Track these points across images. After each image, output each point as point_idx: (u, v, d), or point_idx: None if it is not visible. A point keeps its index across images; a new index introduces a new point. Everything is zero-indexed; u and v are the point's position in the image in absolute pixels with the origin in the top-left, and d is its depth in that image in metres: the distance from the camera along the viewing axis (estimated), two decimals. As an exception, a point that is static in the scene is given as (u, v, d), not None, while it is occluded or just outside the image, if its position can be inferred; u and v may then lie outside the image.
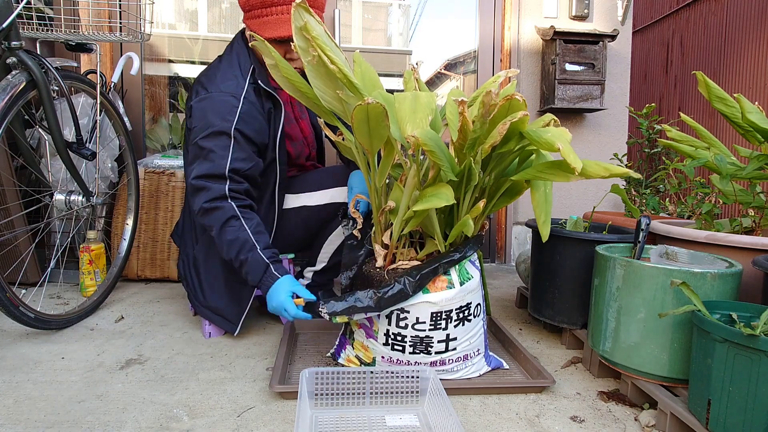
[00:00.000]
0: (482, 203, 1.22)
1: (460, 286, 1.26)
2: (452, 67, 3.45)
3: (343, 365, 1.35)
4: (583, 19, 2.73)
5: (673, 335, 1.17)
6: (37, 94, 1.52)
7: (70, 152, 1.68)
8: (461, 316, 1.27)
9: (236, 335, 1.61)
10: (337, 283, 2.02)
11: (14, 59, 1.48)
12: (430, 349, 1.27)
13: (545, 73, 2.66)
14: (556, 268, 1.55)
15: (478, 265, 1.37)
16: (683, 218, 2.11)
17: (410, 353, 1.26)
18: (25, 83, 1.47)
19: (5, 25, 1.42)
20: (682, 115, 1.68)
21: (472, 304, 1.29)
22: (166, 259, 2.24)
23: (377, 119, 1.11)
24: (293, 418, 1.14)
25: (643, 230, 1.35)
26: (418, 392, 1.17)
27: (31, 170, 1.93)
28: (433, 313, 1.24)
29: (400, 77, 3.13)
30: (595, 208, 1.74)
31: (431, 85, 3.67)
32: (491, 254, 2.84)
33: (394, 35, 3.44)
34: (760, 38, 3.41)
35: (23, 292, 1.95)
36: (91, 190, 1.81)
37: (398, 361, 1.28)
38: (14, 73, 1.47)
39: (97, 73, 1.87)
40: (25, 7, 1.50)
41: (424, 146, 1.06)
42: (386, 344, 1.27)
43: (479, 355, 1.35)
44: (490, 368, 1.37)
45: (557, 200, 2.80)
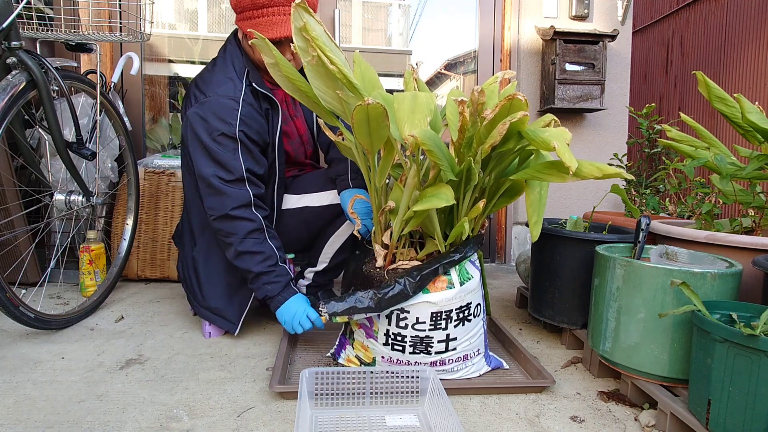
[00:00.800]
0: (482, 203, 1.22)
1: (460, 286, 1.26)
2: (452, 67, 3.45)
3: (343, 365, 1.35)
4: (583, 19, 2.73)
5: (673, 335, 1.17)
6: (37, 94, 1.52)
7: (70, 152, 1.68)
8: (461, 316, 1.27)
9: (236, 335, 1.61)
10: (337, 283, 2.02)
11: (14, 59, 1.48)
12: (430, 349, 1.27)
13: (545, 73, 2.66)
14: (556, 268, 1.55)
15: (478, 265, 1.37)
16: (683, 218, 2.11)
17: (410, 353, 1.26)
18: (25, 83, 1.47)
19: (5, 25, 1.42)
20: (682, 115, 1.68)
21: (472, 304, 1.29)
22: (166, 259, 2.24)
23: (377, 119, 1.11)
24: (293, 418, 1.14)
25: (643, 230, 1.35)
26: (418, 392, 1.17)
27: (31, 170, 1.93)
28: (433, 313, 1.24)
29: (400, 77, 3.13)
30: (595, 208, 1.74)
31: (431, 85, 3.67)
32: (491, 254, 2.84)
33: (394, 35, 3.44)
34: (760, 38, 3.41)
35: (23, 292, 1.95)
36: (91, 190, 1.81)
37: (398, 361, 1.28)
38: (14, 73, 1.47)
39: (97, 73, 1.87)
40: (25, 7, 1.50)
41: (423, 146, 1.06)
42: (386, 344, 1.27)
43: (479, 355, 1.35)
44: (490, 368, 1.37)
45: (557, 200, 2.80)
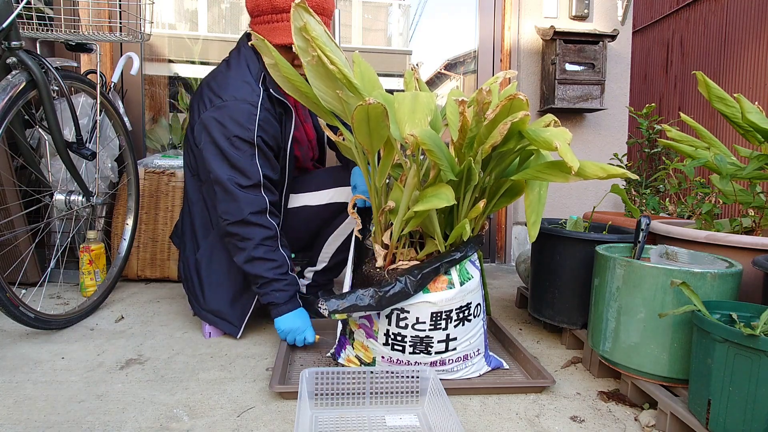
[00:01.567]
0: (482, 203, 1.22)
1: (460, 286, 1.26)
2: (452, 67, 3.45)
3: (343, 365, 1.35)
4: (583, 19, 2.73)
5: (673, 335, 1.17)
6: (37, 94, 1.52)
7: (70, 152, 1.68)
8: (461, 316, 1.27)
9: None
10: (337, 283, 2.02)
11: (14, 59, 1.48)
12: (430, 349, 1.27)
13: (545, 73, 2.66)
14: (556, 268, 1.55)
15: (478, 265, 1.37)
16: (683, 218, 2.11)
17: (410, 353, 1.26)
18: (25, 83, 1.47)
19: (5, 25, 1.42)
20: (682, 115, 1.68)
21: (472, 304, 1.29)
22: (166, 259, 2.24)
23: (377, 119, 1.11)
24: (293, 418, 1.14)
25: (643, 230, 1.35)
26: (418, 392, 1.17)
27: (31, 170, 1.93)
28: (433, 313, 1.24)
29: (400, 77, 3.13)
30: (595, 208, 1.74)
31: (431, 85, 3.67)
32: (491, 254, 2.84)
33: (394, 35, 3.44)
34: (760, 38, 3.41)
35: (23, 292, 1.95)
36: (91, 190, 1.81)
37: (398, 361, 1.28)
38: (14, 73, 1.47)
39: (97, 73, 1.87)
40: (25, 7, 1.50)
41: (423, 145, 1.06)
42: (386, 344, 1.27)
43: (479, 355, 1.35)
44: (490, 368, 1.37)
45: (557, 200, 2.80)
